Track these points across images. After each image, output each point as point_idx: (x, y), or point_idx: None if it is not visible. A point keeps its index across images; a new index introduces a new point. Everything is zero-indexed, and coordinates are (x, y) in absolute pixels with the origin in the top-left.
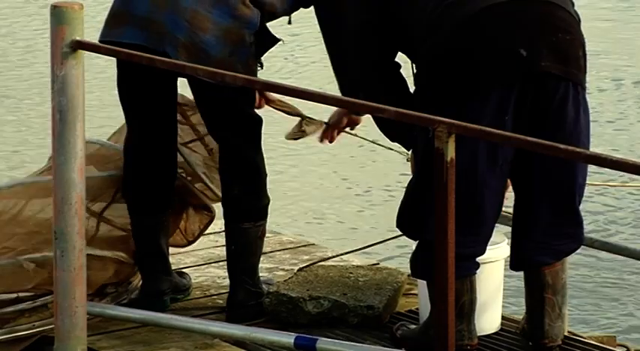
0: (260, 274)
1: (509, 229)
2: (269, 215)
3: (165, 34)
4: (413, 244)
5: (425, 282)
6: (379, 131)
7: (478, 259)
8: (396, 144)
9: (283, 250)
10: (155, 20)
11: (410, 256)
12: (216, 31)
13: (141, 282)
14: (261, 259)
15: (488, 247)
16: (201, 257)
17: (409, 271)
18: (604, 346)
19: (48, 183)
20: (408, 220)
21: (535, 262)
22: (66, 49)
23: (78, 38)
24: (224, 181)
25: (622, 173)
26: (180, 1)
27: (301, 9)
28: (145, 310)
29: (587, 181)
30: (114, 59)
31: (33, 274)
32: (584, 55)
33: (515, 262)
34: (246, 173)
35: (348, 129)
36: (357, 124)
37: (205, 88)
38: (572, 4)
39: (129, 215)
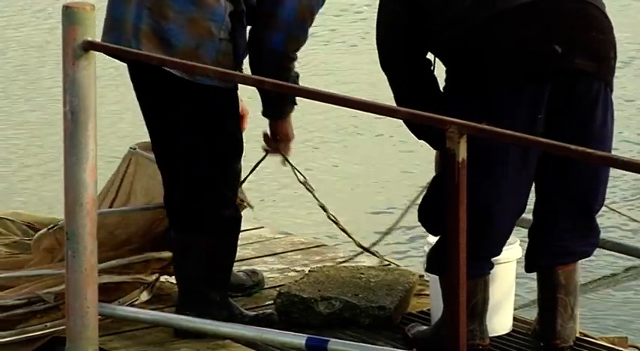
0: (250, 267)
1: (520, 229)
2: (281, 216)
3: (129, 27)
4: (425, 245)
5: (437, 282)
6: None
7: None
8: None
9: (295, 250)
10: (125, 18)
11: (426, 253)
12: (179, 19)
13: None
14: (273, 259)
15: None
16: None
17: (421, 272)
18: (615, 347)
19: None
20: (429, 215)
21: (550, 261)
22: (78, 49)
23: (89, 39)
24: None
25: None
26: None
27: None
28: (155, 312)
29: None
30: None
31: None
32: (615, 56)
33: (531, 262)
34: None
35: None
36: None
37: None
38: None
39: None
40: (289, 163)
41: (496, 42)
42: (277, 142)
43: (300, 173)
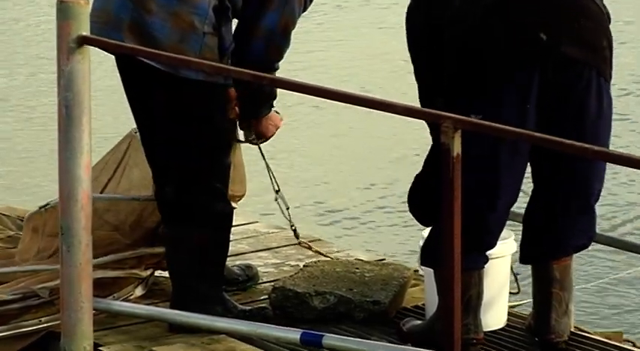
0: (245, 262)
1: (514, 224)
2: (276, 211)
3: (111, 17)
4: (420, 240)
5: (432, 276)
6: None
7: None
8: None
9: (289, 245)
10: (106, 8)
11: (420, 245)
12: (161, 13)
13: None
14: (268, 254)
15: None
16: None
17: (415, 267)
18: (610, 341)
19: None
20: (419, 206)
21: (545, 255)
22: (72, 44)
23: (84, 33)
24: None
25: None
26: None
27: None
28: (150, 306)
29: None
30: None
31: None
32: (609, 46)
33: (526, 254)
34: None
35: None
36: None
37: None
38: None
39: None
40: (266, 163)
41: (492, 37)
42: (255, 137)
43: (275, 183)
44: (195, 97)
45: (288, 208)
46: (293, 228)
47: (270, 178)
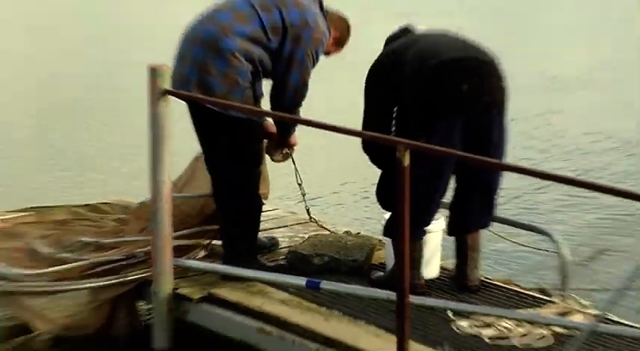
0: (270, 235)
1: (443, 210)
2: (291, 201)
3: (185, 79)
4: (382, 220)
5: (390, 244)
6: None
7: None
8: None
9: (299, 224)
10: (181, 72)
11: (384, 223)
12: (217, 75)
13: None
14: (285, 229)
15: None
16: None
17: (380, 237)
18: (502, 284)
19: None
20: (383, 198)
21: (463, 230)
22: (158, 95)
23: (166, 87)
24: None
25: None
26: (195, 56)
27: None
28: (209, 263)
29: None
30: None
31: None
32: (506, 93)
33: (450, 230)
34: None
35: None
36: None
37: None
38: (500, 64)
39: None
40: (295, 166)
41: (434, 91)
42: (286, 148)
43: (298, 175)
44: (238, 129)
45: (304, 195)
46: (307, 208)
47: (296, 176)
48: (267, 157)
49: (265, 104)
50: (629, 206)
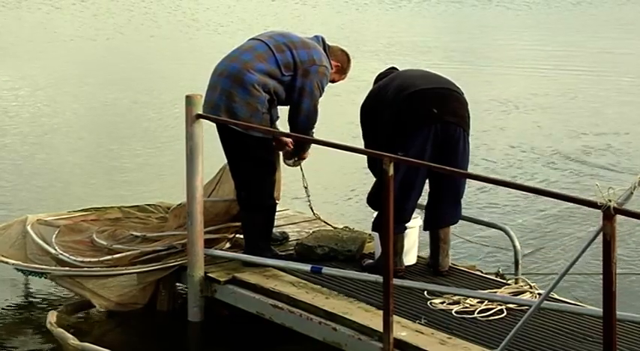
0: (282, 230)
1: (420, 210)
2: (299, 202)
3: (213, 104)
4: (372, 218)
5: (378, 237)
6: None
7: (406, 224)
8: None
9: (305, 221)
10: (211, 100)
11: (372, 221)
12: (241, 102)
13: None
14: (294, 226)
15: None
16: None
17: (369, 232)
18: (469, 270)
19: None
20: (373, 202)
21: (436, 225)
22: (193, 118)
23: (199, 112)
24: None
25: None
26: (223, 86)
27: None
28: (233, 253)
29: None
30: None
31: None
32: (469, 116)
33: (426, 225)
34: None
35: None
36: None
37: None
38: (462, 93)
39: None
40: (302, 173)
41: (409, 112)
42: (298, 159)
43: (305, 180)
44: (258, 144)
45: (309, 196)
46: (310, 206)
47: (302, 180)
48: (281, 166)
49: (281, 126)
50: (564, 205)
